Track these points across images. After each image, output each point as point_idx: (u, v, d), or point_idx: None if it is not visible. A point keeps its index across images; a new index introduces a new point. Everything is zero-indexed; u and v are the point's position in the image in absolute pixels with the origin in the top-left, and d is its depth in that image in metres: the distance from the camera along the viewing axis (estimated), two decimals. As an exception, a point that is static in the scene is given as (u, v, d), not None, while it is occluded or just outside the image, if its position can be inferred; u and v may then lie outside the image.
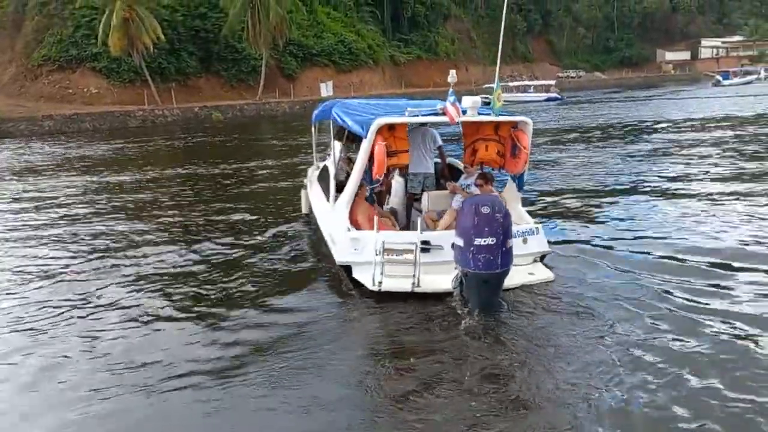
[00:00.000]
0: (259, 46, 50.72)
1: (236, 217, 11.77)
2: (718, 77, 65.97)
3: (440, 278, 6.49)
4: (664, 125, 25.72)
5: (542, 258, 7.18)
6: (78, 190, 15.97)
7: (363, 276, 6.72)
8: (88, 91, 46.75)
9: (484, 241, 5.76)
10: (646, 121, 28.26)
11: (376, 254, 6.50)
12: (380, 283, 6.47)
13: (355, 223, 7.21)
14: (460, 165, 8.64)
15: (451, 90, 6.76)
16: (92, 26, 45.68)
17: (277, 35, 50.90)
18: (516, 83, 64.38)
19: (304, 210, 11.05)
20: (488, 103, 7.39)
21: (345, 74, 63.05)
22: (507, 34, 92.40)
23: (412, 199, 8.52)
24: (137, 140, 31.06)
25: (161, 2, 45.93)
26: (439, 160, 8.91)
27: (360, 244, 6.80)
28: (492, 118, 7.24)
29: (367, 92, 57.23)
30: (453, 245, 6.14)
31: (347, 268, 6.92)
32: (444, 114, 6.75)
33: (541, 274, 6.92)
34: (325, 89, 54.97)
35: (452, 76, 6.87)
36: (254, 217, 11.63)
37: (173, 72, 50.28)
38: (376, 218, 7.02)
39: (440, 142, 8.72)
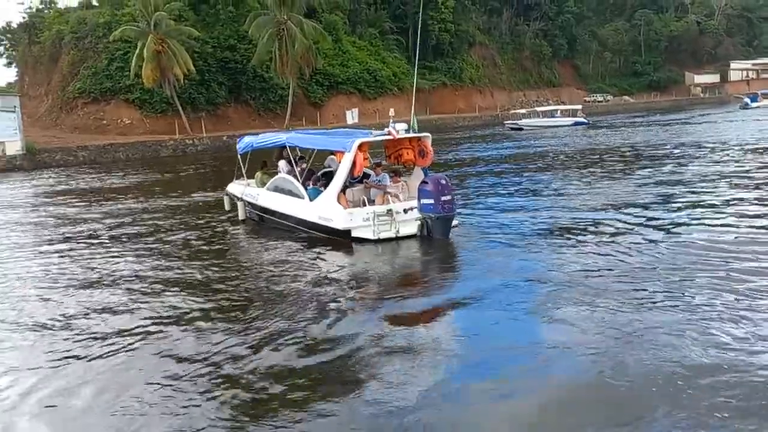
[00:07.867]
0: (287, 76, 51.70)
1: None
2: (746, 100, 64.62)
3: (407, 228, 10.75)
4: (674, 150, 25.33)
5: None
6: (119, 211, 16.42)
7: (363, 233, 10.70)
8: (122, 121, 48.06)
9: (445, 198, 10.30)
10: (665, 145, 27.94)
11: (371, 219, 10.56)
12: (379, 234, 10.55)
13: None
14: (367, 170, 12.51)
15: (392, 120, 11.33)
16: (126, 59, 47.18)
17: (303, 65, 51.77)
18: (543, 108, 64.10)
19: (241, 217, 13.99)
20: (413, 128, 12.10)
21: (370, 101, 63.76)
22: (533, 59, 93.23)
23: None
24: (169, 168, 31.70)
25: (192, 35, 47.17)
26: None
27: (353, 215, 10.80)
28: (411, 134, 11.76)
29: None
30: (420, 205, 10.54)
31: (347, 232, 10.75)
32: (389, 134, 11.21)
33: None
34: (351, 116, 55.56)
35: (392, 112, 11.64)
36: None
37: (203, 102, 51.50)
38: (364, 198, 11.46)
39: None
